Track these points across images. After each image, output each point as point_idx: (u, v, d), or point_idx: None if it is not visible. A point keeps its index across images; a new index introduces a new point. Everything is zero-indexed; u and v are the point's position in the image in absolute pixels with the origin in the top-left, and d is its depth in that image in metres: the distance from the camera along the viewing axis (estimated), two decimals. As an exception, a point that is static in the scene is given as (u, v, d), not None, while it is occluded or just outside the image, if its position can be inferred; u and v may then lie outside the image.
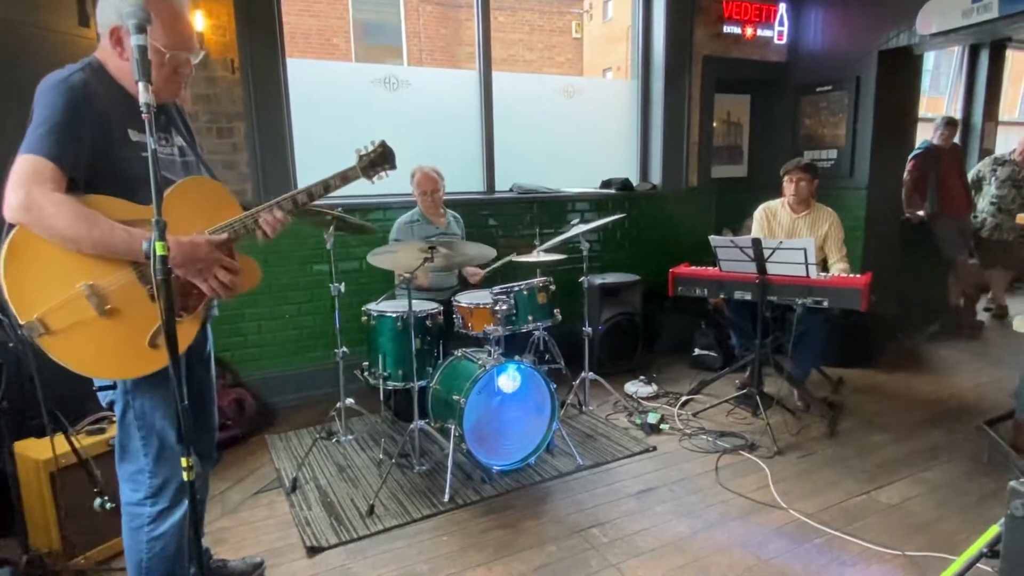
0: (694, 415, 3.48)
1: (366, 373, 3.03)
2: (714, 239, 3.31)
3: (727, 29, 4.93)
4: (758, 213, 3.83)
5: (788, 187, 3.66)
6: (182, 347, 1.55)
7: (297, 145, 3.70)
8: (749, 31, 5.00)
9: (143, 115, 1.23)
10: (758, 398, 3.35)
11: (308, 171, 3.67)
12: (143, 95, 1.23)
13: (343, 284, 3.02)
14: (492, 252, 2.88)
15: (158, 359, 1.47)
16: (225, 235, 1.60)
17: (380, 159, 1.86)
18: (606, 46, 16.61)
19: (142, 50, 1.23)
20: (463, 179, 4.30)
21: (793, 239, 3.48)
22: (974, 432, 3.17)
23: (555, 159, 4.71)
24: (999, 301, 5.65)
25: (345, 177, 1.79)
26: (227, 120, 3.48)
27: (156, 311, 1.28)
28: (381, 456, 3.01)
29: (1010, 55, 6.81)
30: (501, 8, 14.32)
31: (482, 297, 3.12)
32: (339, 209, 2.91)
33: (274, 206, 1.66)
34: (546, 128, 4.67)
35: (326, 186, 1.74)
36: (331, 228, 2.86)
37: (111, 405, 1.67)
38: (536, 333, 3.43)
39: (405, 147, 3.95)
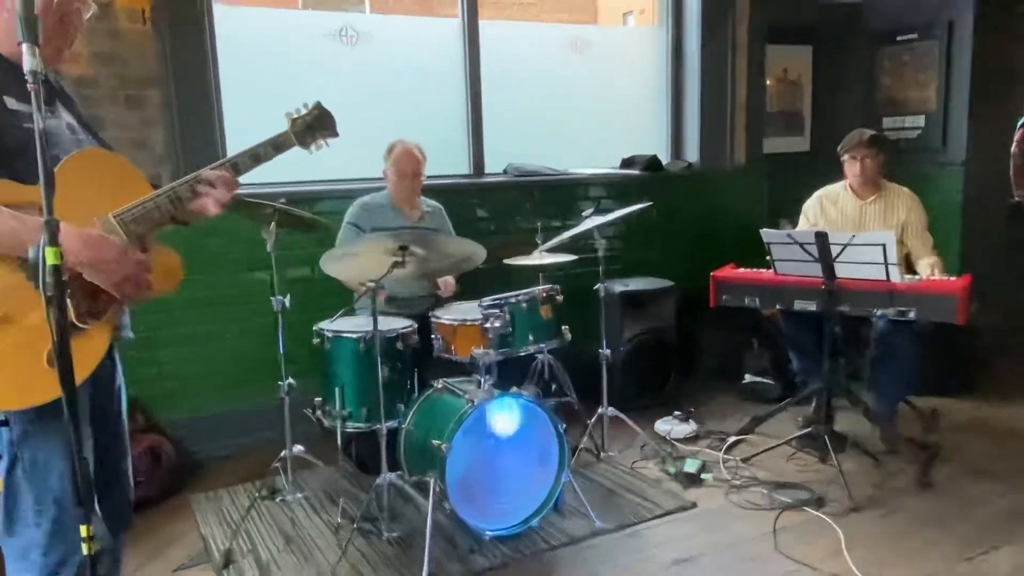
0: (744, 461, 3.50)
1: (319, 412, 3.04)
2: (767, 233, 3.33)
3: (782, -40, 5.00)
4: (811, 202, 3.88)
5: (850, 167, 3.70)
6: (90, 366, 1.56)
7: (227, 117, 3.73)
8: (810, -37, 5.07)
9: (29, 85, 1.25)
10: (827, 439, 3.36)
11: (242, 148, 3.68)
12: (29, 60, 1.25)
13: (288, 297, 3.03)
14: (483, 252, 2.90)
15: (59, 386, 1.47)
16: (142, 229, 1.64)
17: (317, 122, 1.93)
18: (626, -17, 16.70)
19: (27, 4, 1.25)
20: (443, 158, 4.30)
21: (867, 232, 3.51)
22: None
23: (561, 132, 4.75)
24: None
25: (277, 145, 1.88)
26: (137, 86, 3.50)
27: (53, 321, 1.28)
28: (340, 520, 3.01)
29: None
30: (490, -63, 14.39)
31: (469, 312, 3.13)
32: (282, 200, 2.92)
33: (202, 176, 1.77)
34: (549, 92, 4.71)
35: (255, 156, 1.84)
36: (272, 224, 2.88)
37: None
38: (539, 357, 3.44)
39: (367, 119, 4.03)
